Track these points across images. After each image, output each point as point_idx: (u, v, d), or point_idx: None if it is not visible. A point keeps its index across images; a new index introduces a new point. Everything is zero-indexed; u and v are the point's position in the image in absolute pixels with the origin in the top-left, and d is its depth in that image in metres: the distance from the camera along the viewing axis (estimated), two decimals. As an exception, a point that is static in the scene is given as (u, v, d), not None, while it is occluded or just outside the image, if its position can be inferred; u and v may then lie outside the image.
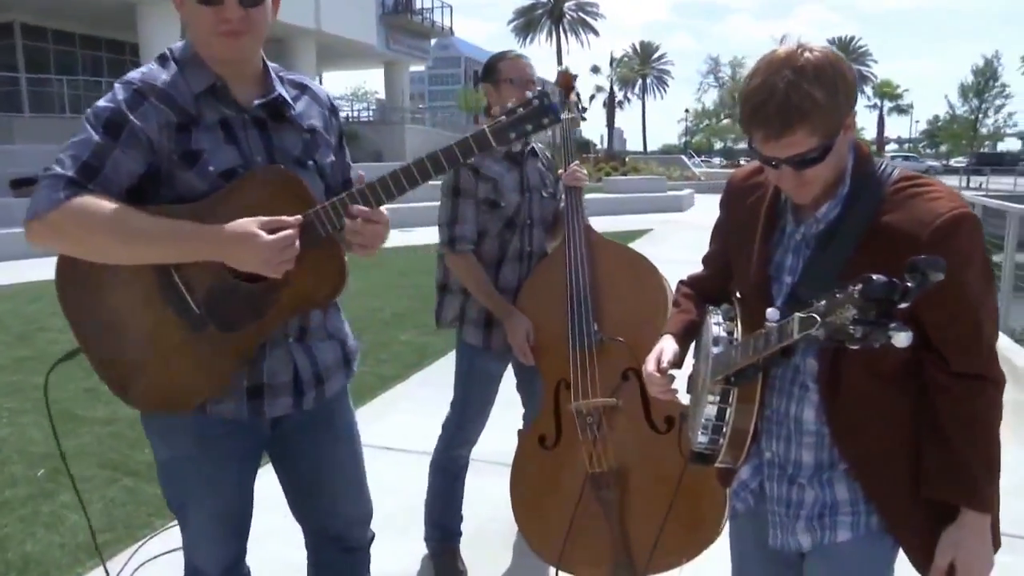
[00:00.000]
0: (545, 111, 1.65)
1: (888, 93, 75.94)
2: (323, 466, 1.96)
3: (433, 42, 38.28)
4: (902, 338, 1.08)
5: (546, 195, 2.85)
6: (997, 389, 1.45)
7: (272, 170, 1.71)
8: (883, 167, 1.49)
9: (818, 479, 1.56)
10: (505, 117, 1.65)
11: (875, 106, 76.30)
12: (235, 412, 1.76)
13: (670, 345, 1.73)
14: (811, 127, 1.34)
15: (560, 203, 2.82)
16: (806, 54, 1.35)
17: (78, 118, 1.80)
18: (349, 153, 2.00)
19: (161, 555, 2.97)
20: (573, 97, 2.88)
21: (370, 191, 1.66)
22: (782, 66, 1.35)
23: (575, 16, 69.90)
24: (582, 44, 73.27)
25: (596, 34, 71.13)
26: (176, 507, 1.88)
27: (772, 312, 1.36)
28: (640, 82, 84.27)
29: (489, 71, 2.78)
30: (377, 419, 4.63)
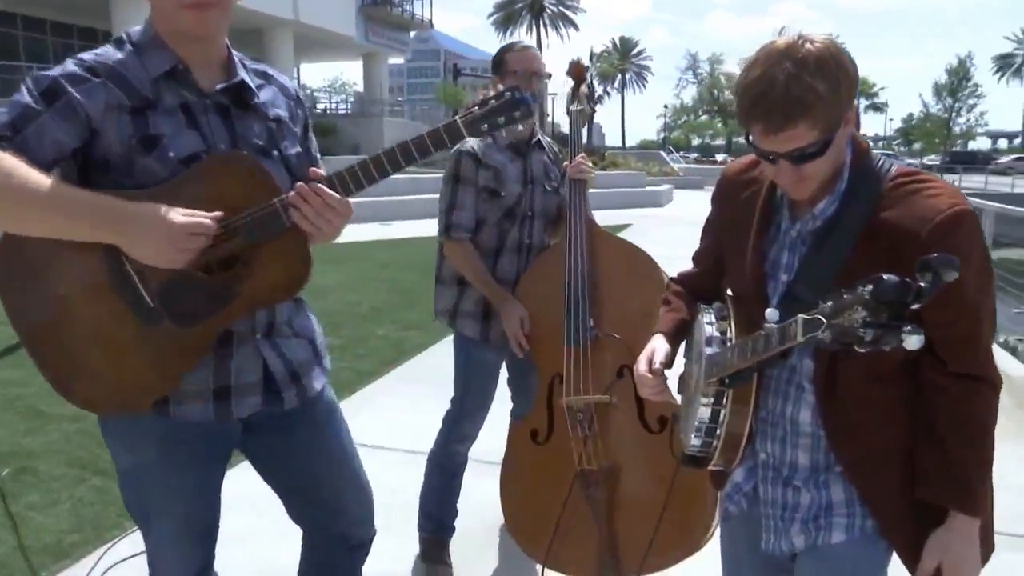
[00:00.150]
0: (516, 104, 1.63)
1: (864, 91, 76.81)
2: (316, 463, 1.88)
3: (412, 35, 38.06)
4: (914, 341, 1.03)
5: (549, 188, 2.81)
6: (994, 391, 1.43)
7: (234, 156, 1.63)
8: (881, 162, 1.45)
9: (814, 481, 1.52)
10: (478, 108, 1.62)
11: (851, 104, 77.08)
12: (201, 414, 1.67)
13: (662, 345, 1.68)
14: (812, 120, 1.30)
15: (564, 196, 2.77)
16: (807, 45, 1.31)
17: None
18: (322, 145, 1.94)
19: (131, 557, 2.86)
20: (584, 89, 2.83)
21: (338, 179, 1.61)
22: (782, 57, 1.31)
23: (555, 11, 69.93)
24: (562, 39, 72.97)
25: (576, 29, 71.32)
26: (139, 515, 1.79)
27: (772, 312, 1.31)
28: (619, 77, 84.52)
29: (497, 63, 2.76)
30: (354, 415, 4.49)
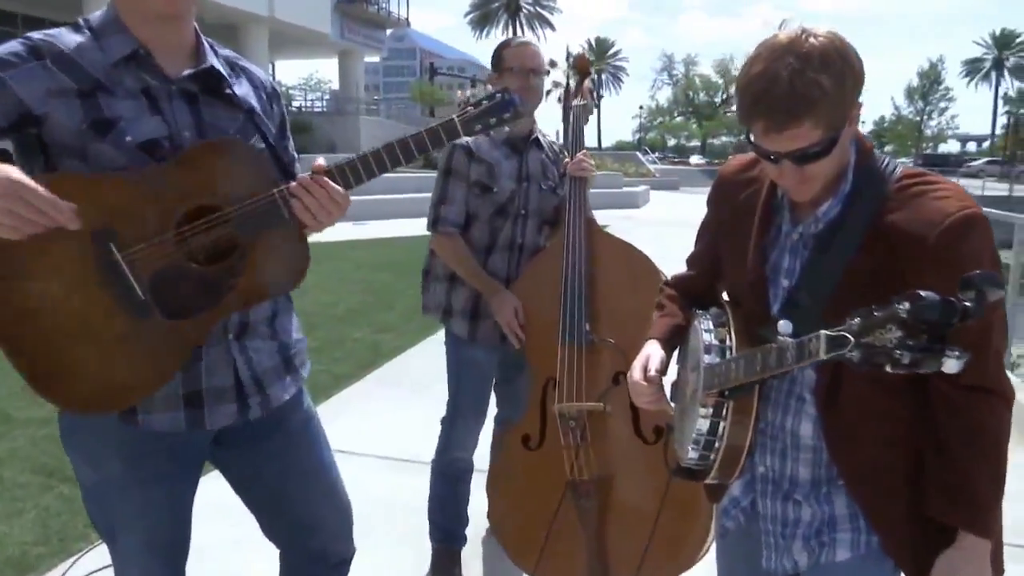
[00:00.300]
0: (504, 106, 1.64)
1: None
2: (289, 476, 1.78)
3: (388, 33, 37.81)
4: (953, 364, 0.94)
5: (545, 187, 2.72)
6: (1006, 404, 1.35)
7: (228, 141, 1.57)
8: (885, 163, 1.40)
9: (815, 495, 1.45)
10: (473, 108, 1.64)
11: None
12: (171, 424, 1.57)
13: (656, 351, 1.61)
14: (816, 118, 1.24)
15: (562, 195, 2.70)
16: (811, 39, 1.25)
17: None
18: (298, 143, 1.86)
19: (98, 571, 2.77)
20: (588, 84, 2.75)
21: (339, 172, 1.56)
22: (785, 52, 1.25)
23: (532, 10, 69.84)
24: (539, 39, 72.94)
25: (553, 29, 71.07)
26: (104, 530, 1.70)
27: (784, 324, 1.24)
28: (596, 77, 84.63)
29: (495, 60, 2.68)
30: (332, 420, 4.43)
